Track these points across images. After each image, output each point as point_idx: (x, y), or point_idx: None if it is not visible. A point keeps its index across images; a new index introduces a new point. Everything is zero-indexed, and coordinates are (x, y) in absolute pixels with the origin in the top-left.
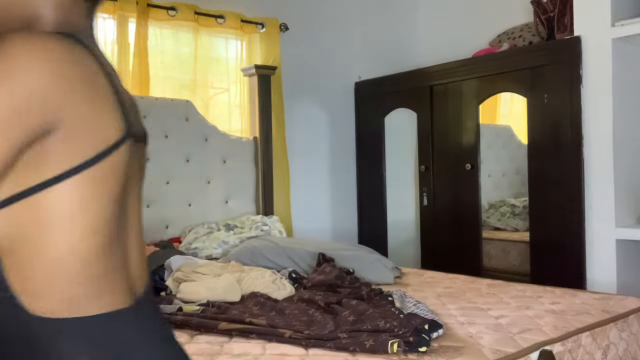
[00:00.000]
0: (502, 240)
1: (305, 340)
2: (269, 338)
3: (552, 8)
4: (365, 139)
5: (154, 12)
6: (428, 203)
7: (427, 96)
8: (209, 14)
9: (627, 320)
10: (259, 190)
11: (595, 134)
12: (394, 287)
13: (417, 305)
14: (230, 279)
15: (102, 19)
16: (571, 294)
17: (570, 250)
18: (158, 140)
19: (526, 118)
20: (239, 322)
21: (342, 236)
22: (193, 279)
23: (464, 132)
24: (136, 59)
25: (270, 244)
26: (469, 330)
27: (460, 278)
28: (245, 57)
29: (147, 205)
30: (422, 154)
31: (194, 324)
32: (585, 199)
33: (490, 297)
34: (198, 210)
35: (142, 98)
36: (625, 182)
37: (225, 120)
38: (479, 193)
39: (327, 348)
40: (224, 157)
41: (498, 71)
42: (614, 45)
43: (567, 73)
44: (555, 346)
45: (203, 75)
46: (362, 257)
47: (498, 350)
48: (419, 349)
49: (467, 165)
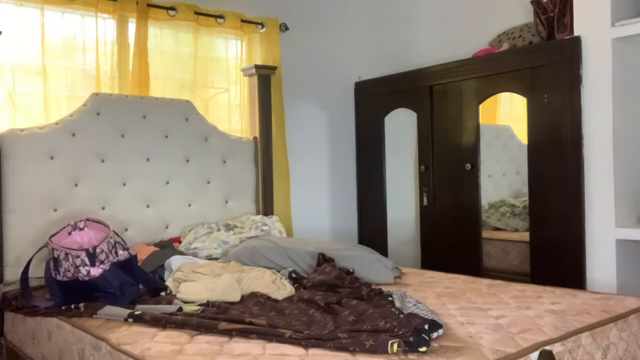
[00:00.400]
0: (502, 240)
1: (305, 340)
2: (269, 338)
3: (552, 8)
4: (365, 139)
5: (154, 12)
6: (428, 203)
7: (427, 96)
8: (209, 14)
9: (627, 320)
10: (259, 190)
11: (595, 134)
12: (394, 287)
13: (417, 306)
14: (230, 279)
15: (102, 19)
16: (571, 294)
17: (570, 250)
18: (158, 141)
19: (526, 118)
20: (238, 322)
21: (342, 236)
22: (193, 279)
23: (464, 132)
24: (136, 59)
25: (270, 244)
26: (468, 330)
27: (460, 278)
28: (245, 57)
29: (147, 205)
30: (422, 154)
31: (193, 324)
32: (585, 199)
33: (490, 297)
34: (198, 210)
35: (142, 98)
36: (625, 182)
37: (225, 121)
38: (479, 193)
39: (327, 348)
40: (223, 157)
41: (498, 71)
42: (614, 45)
43: (567, 73)
44: (555, 346)
45: (203, 75)
46: (362, 257)
47: (498, 350)
48: (419, 349)
49: (467, 165)
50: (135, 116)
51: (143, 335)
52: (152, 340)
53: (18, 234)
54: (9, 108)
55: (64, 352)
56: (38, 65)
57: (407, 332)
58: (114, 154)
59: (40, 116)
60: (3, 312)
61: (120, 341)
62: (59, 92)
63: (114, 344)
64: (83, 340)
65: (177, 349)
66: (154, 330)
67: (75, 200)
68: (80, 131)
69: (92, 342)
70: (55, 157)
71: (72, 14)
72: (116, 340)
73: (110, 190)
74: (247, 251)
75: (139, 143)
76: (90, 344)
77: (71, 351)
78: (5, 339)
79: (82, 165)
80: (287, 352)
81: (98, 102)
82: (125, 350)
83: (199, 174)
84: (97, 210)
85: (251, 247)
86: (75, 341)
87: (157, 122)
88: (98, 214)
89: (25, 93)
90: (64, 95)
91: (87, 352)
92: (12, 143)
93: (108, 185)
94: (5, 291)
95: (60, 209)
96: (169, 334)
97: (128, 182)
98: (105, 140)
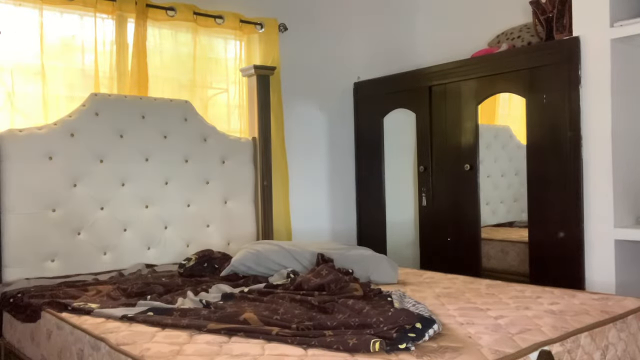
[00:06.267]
0: (501, 240)
1: (291, 338)
2: (256, 335)
3: (551, 8)
4: (364, 140)
5: (153, 13)
6: (427, 203)
7: (426, 96)
8: (208, 14)
9: (626, 320)
10: (258, 191)
11: (594, 135)
12: (394, 287)
13: (416, 306)
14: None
15: (101, 19)
16: (570, 294)
17: (569, 250)
18: (157, 141)
19: (525, 118)
20: (229, 322)
21: (341, 236)
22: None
23: (463, 132)
24: (135, 59)
25: (274, 247)
26: (468, 331)
27: (460, 278)
28: (244, 57)
29: (145, 205)
30: (421, 155)
31: (183, 324)
32: (584, 200)
33: (490, 297)
34: (197, 210)
35: (140, 98)
36: (624, 183)
37: (224, 121)
38: (478, 193)
39: (312, 346)
40: (222, 158)
41: (497, 72)
42: (613, 46)
43: (566, 73)
44: (554, 346)
45: (202, 76)
46: (368, 257)
47: (497, 350)
48: (399, 346)
49: (466, 165)
50: (134, 116)
51: (142, 336)
52: (151, 341)
53: (17, 234)
54: (8, 108)
55: (63, 352)
56: (37, 65)
57: (391, 329)
58: (113, 155)
59: (39, 116)
60: (2, 312)
61: (119, 341)
62: (58, 93)
63: (113, 344)
64: (82, 340)
65: (176, 349)
66: (153, 330)
67: (73, 201)
68: (79, 131)
69: (91, 342)
70: (54, 157)
71: (71, 14)
72: (115, 340)
73: (108, 191)
74: (251, 255)
75: (137, 143)
76: (90, 344)
77: (70, 351)
78: (4, 340)
79: (80, 166)
80: (286, 352)
81: (97, 102)
82: (124, 350)
83: (198, 174)
84: (96, 211)
85: (255, 252)
86: (74, 341)
87: (156, 123)
88: (96, 214)
89: (24, 93)
90: (62, 96)
91: (86, 352)
92: (11, 143)
93: (107, 186)
94: (5, 291)
95: (58, 209)
96: (168, 334)
97: (127, 183)
98: (104, 141)
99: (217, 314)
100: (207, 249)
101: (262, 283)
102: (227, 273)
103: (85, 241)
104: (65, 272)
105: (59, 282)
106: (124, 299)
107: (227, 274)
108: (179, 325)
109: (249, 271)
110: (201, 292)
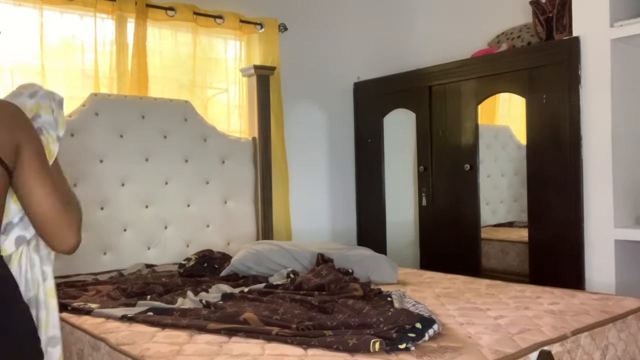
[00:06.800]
0: (500, 240)
1: (291, 338)
2: (256, 335)
3: (551, 9)
4: (364, 140)
5: (153, 13)
6: (427, 203)
7: (426, 97)
8: (207, 14)
9: (626, 320)
10: (258, 191)
11: (594, 135)
12: (394, 287)
13: (415, 306)
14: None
15: (101, 19)
16: (570, 294)
17: (569, 250)
18: (157, 141)
19: (525, 118)
20: (229, 322)
21: (341, 236)
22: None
23: (463, 132)
24: (135, 59)
25: (274, 247)
26: (468, 331)
27: (460, 278)
28: (244, 57)
29: (145, 205)
30: (421, 155)
31: (183, 324)
32: (584, 200)
33: (489, 297)
34: (197, 210)
35: (140, 98)
36: (624, 183)
37: (224, 121)
38: (478, 193)
39: (312, 346)
40: (222, 158)
41: (497, 72)
42: (613, 46)
43: (566, 74)
44: (554, 346)
45: (202, 76)
46: (368, 256)
47: (497, 350)
48: (399, 346)
49: (466, 165)
50: (134, 116)
51: (142, 336)
52: (151, 341)
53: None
54: None
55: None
56: (37, 65)
57: (391, 329)
58: (113, 154)
59: None
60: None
61: (119, 341)
62: (58, 93)
63: (113, 344)
64: (82, 340)
65: (176, 350)
66: (153, 330)
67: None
68: (79, 131)
69: (91, 342)
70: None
71: (70, 14)
72: (115, 340)
73: (108, 191)
74: (251, 255)
75: (137, 143)
76: (89, 344)
77: (70, 351)
78: None
79: (80, 166)
80: (286, 352)
81: (97, 102)
82: (124, 350)
83: (198, 174)
84: (96, 211)
85: (255, 252)
86: (74, 341)
87: (156, 123)
88: (96, 214)
89: None
90: (62, 96)
91: (86, 352)
92: None
93: (107, 186)
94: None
95: None
96: (168, 334)
97: (127, 183)
98: (104, 141)
99: (217, 314)
100: (207, 249)
101: (262, 283)
102: (227, 273)
103: (85, 241)
104: (65, 272)
105: (58, 282)
106: (124, 299)
107: (227, 274)
108: (178, 325)
109: (249, 271)
110: (201, 292)
